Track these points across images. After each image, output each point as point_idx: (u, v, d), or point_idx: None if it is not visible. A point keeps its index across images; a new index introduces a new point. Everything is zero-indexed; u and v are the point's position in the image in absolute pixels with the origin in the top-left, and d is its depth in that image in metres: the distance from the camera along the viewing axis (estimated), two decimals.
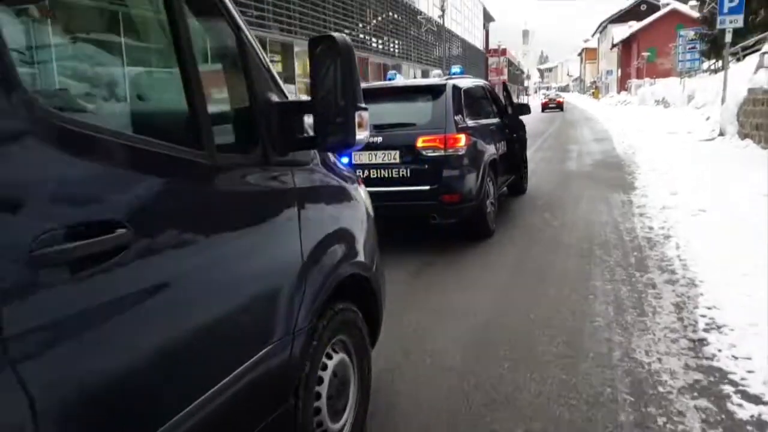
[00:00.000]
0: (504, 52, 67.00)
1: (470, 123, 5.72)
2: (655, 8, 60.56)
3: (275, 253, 1.77)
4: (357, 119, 1.72)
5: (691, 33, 31.52)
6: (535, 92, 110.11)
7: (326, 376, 2.04)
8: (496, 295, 4.19)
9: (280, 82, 1.93)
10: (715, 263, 4.47)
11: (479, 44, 56.80)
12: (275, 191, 1.81)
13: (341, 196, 2.30)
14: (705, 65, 34.76)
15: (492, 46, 66.10)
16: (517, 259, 5.10)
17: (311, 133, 1.84)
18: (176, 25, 1.43)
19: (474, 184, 5.45)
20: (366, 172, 5.36)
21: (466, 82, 6.38)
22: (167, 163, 1.36)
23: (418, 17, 24.13)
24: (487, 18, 65.43)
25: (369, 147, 5.32)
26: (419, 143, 5.27)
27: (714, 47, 30.68)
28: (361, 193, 2.53)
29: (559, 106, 44.13)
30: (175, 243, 1.35)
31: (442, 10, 21.13)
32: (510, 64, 72.43)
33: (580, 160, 12.09)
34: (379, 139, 5.32)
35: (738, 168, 8.61)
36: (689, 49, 32.37)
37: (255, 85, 1.75)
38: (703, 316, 3.56)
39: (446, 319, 3.77)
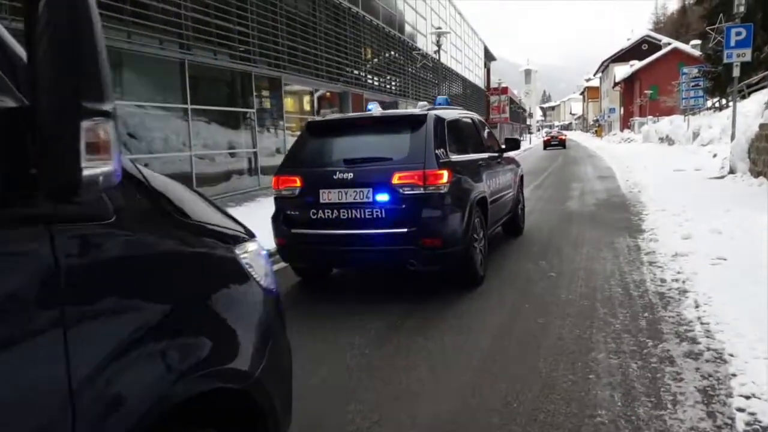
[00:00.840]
0: (505, 90, 67.00)
1: (455, 158, 5.08)
2: (657, 47, 60.80)
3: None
4: (88, 136, 0.93)
5: (694, 70, 31.17)
6: (538, 130, 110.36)
7: None
8: (472, 371, 3.32)
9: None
10: (745, 328, 3.61)
11: (480, 83, 56.82)
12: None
13: (192, 267, 1.46)
14: (709, 103, 34.37)
15: (493, 84, 66.21)
16: (504, 321, 4.24)
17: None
18: None
19: (458, 225, 4.81)
20: (336, 212, 4.75)
21: (451, 114, 5.72)
22: None
23: (413, 53, 23.67)
24: (489, 57, 65.78)
25: (339, 184, 4.72)
26: (395, 180, 4.61)
27: (718, 84, 30.26)
28: (246, 257, 1.68)
29: (562, 144, 43.70)
30: None
31: (438, 45, 20.67)
32: (511, 102, 72.48)
33: (582, 199, 11.29)
34: (351, 176, 4.72)
35: (756, 209, 7.77)
36: (693, 86, 31.98)
37: None
38: (741, 410, 2.68)
39: (402, 408, 2.90)
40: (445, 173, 4.68)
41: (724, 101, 33.62)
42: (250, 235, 1.76)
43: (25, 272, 1.01)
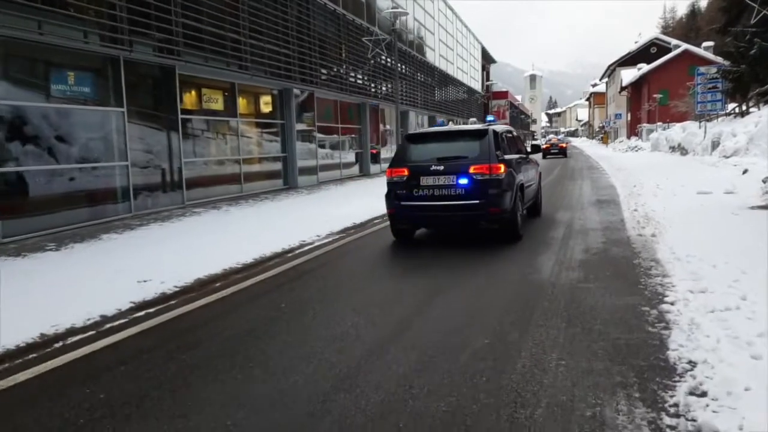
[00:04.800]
0: (505, 94, 63.07)
1: (505, 156, 7.78)
2: (666, 50, 57.31)
3: None
4: None
5: (712, 70, 26.93)
6: (543, 137, 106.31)
7: None
8: None
9: None
10: None
11: (477, 85, 52.82)
12: None
13: None
14: (728, 107, 30.24)
15: (494, 88, 62.34)
16: None
17: None
18: None
19: (509, 200, 7.45)
20: (431, 191, 7.45)
21: (501, 128, 8.56)
22: None
23: (364, 39, 19.65)
24: (488, 59, 61.78)
25: (434, 173, 7.43)
26: (471, 170, 7.31)
27: (739, 86, 26.14)
28: None
29: (563, 152, 39.56)
30: None
31: (394, 29, 16.72)
32: (512, 106, 68.37)
33: (565, 249, 7.25)
34: (441, 167, 7.41)
35: None
36: (710, 89, 27.75)
37: None
38: None
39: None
40: (502, 166, 7.43)
41: (744, 106, 29.60)
42: None
43: None
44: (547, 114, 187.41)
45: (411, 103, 28.81)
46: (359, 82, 21.76)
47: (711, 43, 52.94)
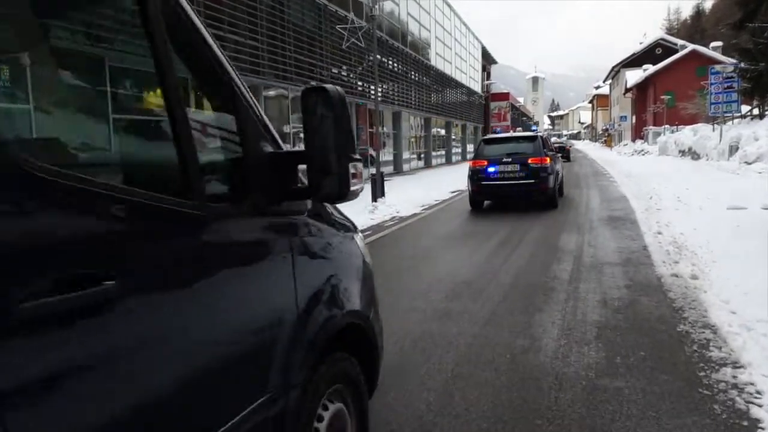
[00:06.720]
0: (506, 96, 61.04)
1: (548, 153, 11.97)
2: (671, 51, 55.66)
3: (269, 304, 1.68)
4: (351, 170, 1.69)
5: (728, 68, 24.91)
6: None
7: (322, 427, 1.90)
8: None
9: (274, 131, 1.84)
10: None
11: (477, 86, 50.83)
12: (268, 241, 1.73)
13: (336, 245, 2.19)
14: (743, 108, 28.20)
15: (494, 89, 60.38)
16: None
17: (305, 183, 1.73)
18: (165, 73, 1.38)
19: (553, 181, 11.72)
20: (503, 174, 11.51)
21: (542, 133, 13.72)
22: (156, 214, 1.30)
23: (338, 27, 17.61)
24: (488, 59, 59.80)
25: (505, 163, 11.50)
26: (530, 161, 11.35)
27: (758, 85, 24.12)
28: (358, 242, 2.44)
29: (566, 156, 37.49)
30: (165, 294, 1.30)
31: (372, 17, 14.78)
32: (513, 108, 66.34)
33: (575, 301, 5.26)
34: (510, 160, 11.50)
35: None
36: (725, 89, 25.67)
37: (247, 134, 1.70)
38: None
39: None
40: (548, 159, 11.54)
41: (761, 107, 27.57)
42: (356, 228, 2.48)
43: (278, 239, 1.78)
44: (550, 116, 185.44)
45: (404, 103, 26.88)
46: (344, 79, 19.80)
47: (719, 44, 50.96)
